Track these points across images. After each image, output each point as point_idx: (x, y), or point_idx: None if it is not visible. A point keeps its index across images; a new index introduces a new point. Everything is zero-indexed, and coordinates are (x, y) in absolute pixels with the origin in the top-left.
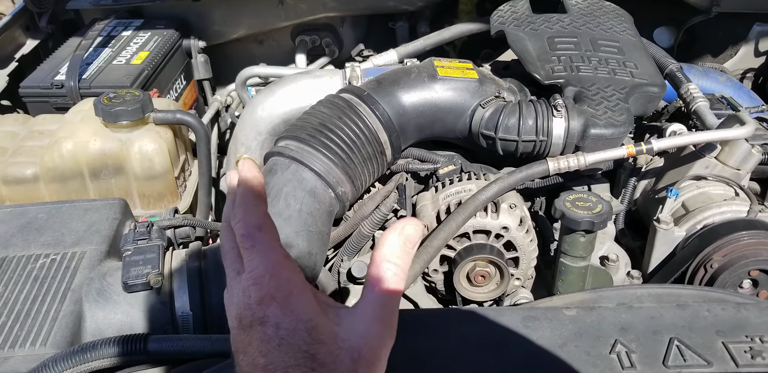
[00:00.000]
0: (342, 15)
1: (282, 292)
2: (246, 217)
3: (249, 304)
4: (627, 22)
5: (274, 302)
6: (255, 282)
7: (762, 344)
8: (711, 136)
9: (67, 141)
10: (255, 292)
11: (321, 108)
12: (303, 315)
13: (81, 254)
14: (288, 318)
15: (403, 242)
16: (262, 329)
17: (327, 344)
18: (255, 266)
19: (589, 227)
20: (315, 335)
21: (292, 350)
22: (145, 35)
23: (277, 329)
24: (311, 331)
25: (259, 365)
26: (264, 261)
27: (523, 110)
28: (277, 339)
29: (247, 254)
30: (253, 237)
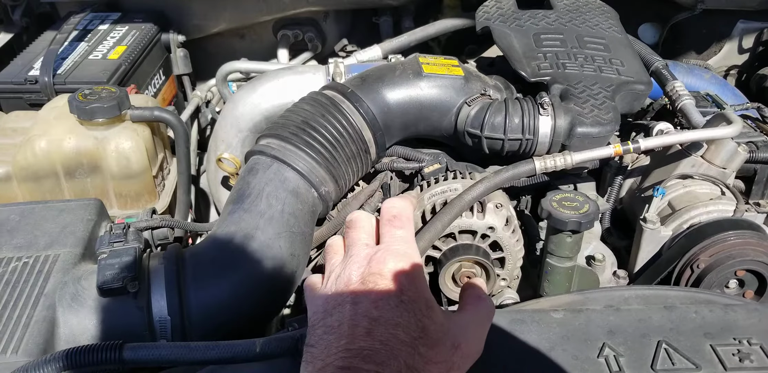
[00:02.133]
0: (325, 9)
1: (415, 269)
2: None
3: (380, 267)
4: (613, 18)
5: (405, 273)
6: (394, 253)
7: (750, 347)
8: (698, 135)
9: (41, 139)
10: (392, 260)
11: (304, 105)
12: (426, 293)
13: (54, 257)
14: (413, 289)
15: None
16: (386, 289)
17: (437, 323)
18: (397, 242)
19: (576, 227)
20: (430, 312)
21: (407, 314)
22: (122, 29)
23: (400, 292)
24: (429, 308)
25: (372, 315)
26: (407, 242)
27: (509, 108)
28: (396, 300)
29: (393, 232)
30: (402, 221)
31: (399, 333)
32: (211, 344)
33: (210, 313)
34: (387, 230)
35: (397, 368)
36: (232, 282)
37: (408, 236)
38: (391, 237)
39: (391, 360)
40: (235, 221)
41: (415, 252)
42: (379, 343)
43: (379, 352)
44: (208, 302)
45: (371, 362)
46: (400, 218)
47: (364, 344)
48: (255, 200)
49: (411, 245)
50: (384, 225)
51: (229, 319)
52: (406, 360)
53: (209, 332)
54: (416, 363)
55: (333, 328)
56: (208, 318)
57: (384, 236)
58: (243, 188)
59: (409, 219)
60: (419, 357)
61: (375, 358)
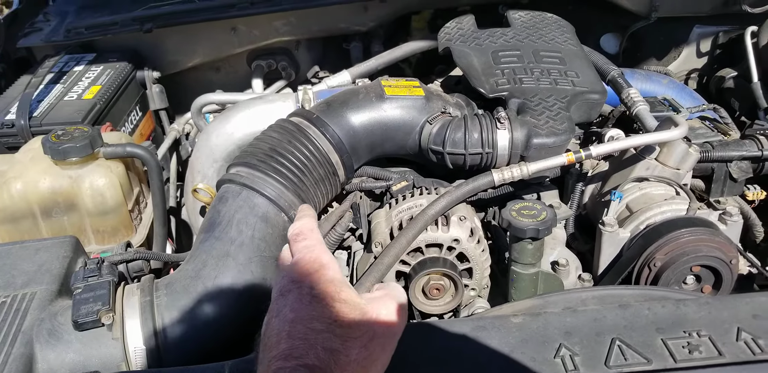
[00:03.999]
0: (296, 38)
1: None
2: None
3: (292, 276)
4: (569, 32)
5: (312, 274)
6: (298, 261)
7: (699, 339)
8: (646, 140)
9: (17, 181)
10: (298, 267)
11: (271, 133)
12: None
13: (31, 295)
14: (322, 283)
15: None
16: (298, 292)
17: (350, 306)
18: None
19: (535, 234)
20: (342, 296)
21: (320, 305)
22: (97, 69)
23: (311, 289)
24: (339, 293)
25: (288, 319)
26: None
27: (468, 124)
28: (309, 297)
29: (295, 245)
30: (304, 234)
31: (315, 325)
32: (181, 369)
33: (184, 340)
34: (294, 247)
35: (315, 355)
36: (206, 309)
37: (311, 242)
38: (298, 250)
39: (309, 351)
40: (207, 249)
41: (320, 251)
42: (298, 340)
43: (299, 347)
44: (182, 329)
45: (292, 358)
46: (302, 233)
47: (285, 346)
48: (225, 227)
49: (316, 248)
50: (291, 245)
51: (204, 345)
52: (323, 345)
53: (185, 359)
54: (334, 344)
55: (266, 345)
56: (183, 345)
57: (295, 252)
58: (214, 216)
59: (310, 230)
60: (336, 338)
61: (295, 354)
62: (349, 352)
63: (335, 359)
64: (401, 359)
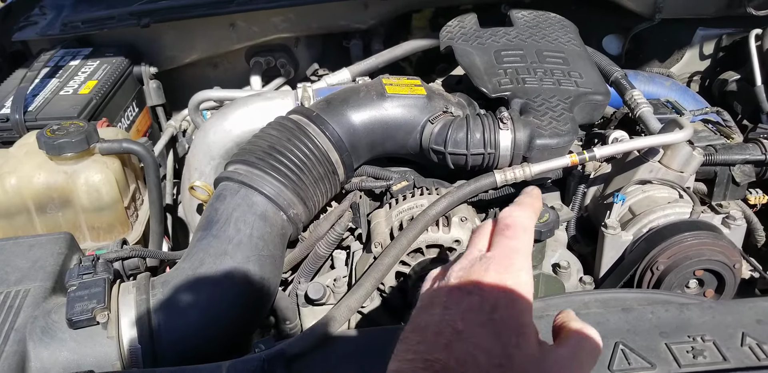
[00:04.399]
0: (295, 35)
1: (518, 288)
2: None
3: (481, 276)
4: (572, 32)
5: (505, 290)
6: (498, 264)
7: (703, 343)
8: (650, 142)
9: (11, 176)
10: (494, 270)
11: (270, 130)
12: (523, 317)
13: (25, 292)
14: (509, 308)
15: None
16: (479, 301)
17: (526, 355)
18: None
19: (537, 236)
20: (521, 340)
21: (494, 337)
22: (93, 64)
23: (493, 309)
24: (521, 334)
25: (457, 329)
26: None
27: (471, 124)
28: (486, 317)
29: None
30: (516, 231)
31: (479, 356)
32: (177, 369)
33: (181, 339)
34: (498, 239)
35: None
36: (202, 308)
37: (520, 247)
38: (502, 247)
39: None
40: (204, 248)
41: (524, 267)
42: (455, 360)
43: (452, 369)
44: (178, 328)
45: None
46: (513, 228)
47: (440, 357)
48: (223, 225)
49: (520, 259)
50: (496, 234)
51: (201, 344)
52: None
53: (181, 358)
54: None
55: (419, 327)
56: (179, 344)
57: (495, 246)
58: (211, 214)
59: (525, 230)
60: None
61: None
62: None
63: None
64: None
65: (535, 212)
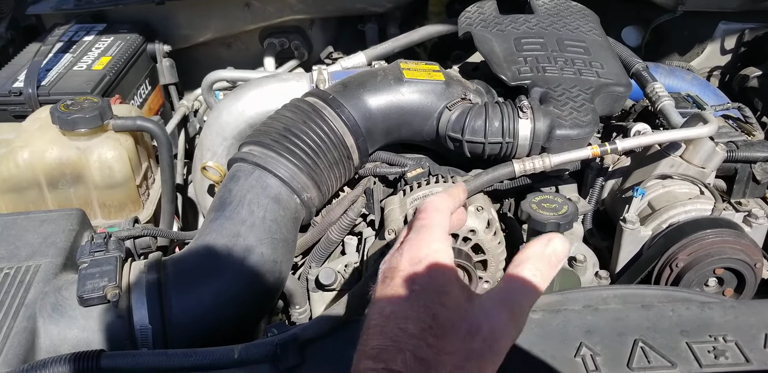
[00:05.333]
0: (310, 17)
1: (430, 258)
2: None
3: (399, 261)
4: (593, 21)
5: (420, 263)
6: (411, 246)
7: (725, 344)
8: (674, 136)
9: (23, 150)
10: (408, 252)
11: (285, 112)
12: (440, 279)
13: (36, 268)
14: (426, 278)
15: (549, 253)
16: (400, 281)
17: (450, 310)
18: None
19: (555, 228)
20: (442, 299)
21: (417, 305)
22: (107, 40)
23: (412, 282)
24: (440, 295)
25: (385, 313)
26: (427, 233)
27: (489, 112)
28: (407, 291)
29: (415, 225)
30: (426, 213)
31: (408, 326)
32: (189, 351)
33: (192, 320)
34: (411, 224)
35: (403, 360)
36: (214, 289)
37: (430, 223)
38: (414, 228)
39: (397, 355)
40: (217, 229)
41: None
42: (389, 340)
43: (388, 349)
44: (189, 309)
45: (380, 360)
46: (424, 210)
47: (376, 343)
48: (237, 207)
49: (427, 233)
50: (410, 223)
51: (212, 326)
52: (414, 352)
53: (192, 340)
54: (425, 354)
55: (363, 332)
56: (190, 325)
57: (409, 230)
58: (225, 195)
59: (435, 209)
60: (428, 348)
61: (383, 356)
62: (439, 368)
63: (425, 370)
64: None
65: (452, 197)
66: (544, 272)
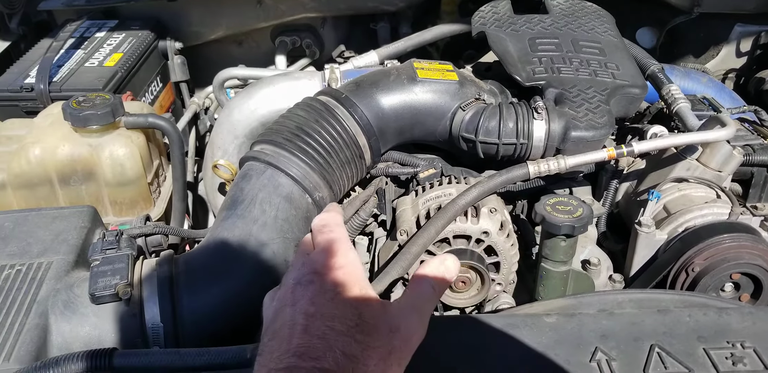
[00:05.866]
0: (322, 15)
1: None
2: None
3: (315, 267)
4: (608, 22)
5: (338, 268)
6: (324, 253)
7: (743, 350)
8: (691, 139)
9: (35, 146)
10: (323, 259)
11: (298, 111)
12: (361, 282)
13: (47, 265)
14: (346, 281)
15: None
16: (320, 285)
17: (373, 309)
18: (328, 245)
19: (570, 231)
20: (365, 299)
21: (343, 304)
22: (119, 36)
23: (334, 285)
24: (362, 295)
25: (308, 312)
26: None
27: (504, 113)
28: (332, 293)
29: (320, 236)
30: (330, 227)
31: (335, 324)
32: (201, 350)
33: (203, 319)
34: (318, 238)
35: (334, 359)
36: (225, 288)
37: (337, 236)
38: (324, 241)
39: (327, 352)
40: (229, 227)
41: (346, 248)
42: (316, 338)
43: (316, 347)
44: (201, 308)
45: (308, 358)
46: (327, 225)
47: (301, 342)
48: (248, 206)
49: (341, 243)
50: (315, 237)
51: (223, 325)
52: (343, 349)
53: (203, 339)
54: (354, 350)
55: (276, 333)
56: (202, 324)
57: (317, 243)
58: (236, 194)
59: (337, 224)
60: (356, 344)
61: (311, 353)
62: (367, 362)
63: (353, 366)
64: (427, 353)
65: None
66: (441, 286)
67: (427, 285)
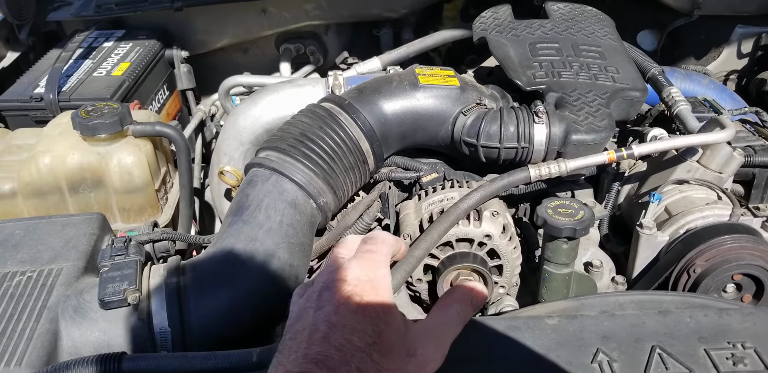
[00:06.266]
0: (326, 23)
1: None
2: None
3: (346, 275)
4: (608, 26)
5: (368, 282)
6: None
7: (744, 351)
8: (691, 141)
9: (45, 155)
10: (357, 269)
11: (302, 118)
12: (387, 300)
13: (58, 271)
14: (373, 294)
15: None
16: (348, 294)
17: (393, 330)
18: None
19: (571, 233)
20: (388, 318)
21: (365, 320)
22: (126, 46)
23: (361, 298)
24: (386, 314)
25: (330, 321)
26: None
27: (505, 117)
28: (356, 305)
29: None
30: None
31: (354, 339)
32: (208, 354)
33: (210, 324)
34: (360, 246)
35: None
36: (232, 293)
37: (380, 251)
38: (361, 251)
39: (342, 366)
40: (234, 233)
41: (382, 263)
42: (333, 348)
43: (332, 357)
44: (208, 313)
45: (324, 367)
46: (377, 240)
47: (319, 349)
48: (254, 211)
49: (379, 258)
50: (360, 245)
51: (230, 329)
52: (358, 365)
53: (210, 343)
54: (368, 368)
55: (297, 333)
56: (209, 329)
57: (357, 252)
58: (242, 199)
59: (385, 242)
60: (372, 363)
61: (328, 363)
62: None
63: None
64: None
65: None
66: (466, 314)
67: (453, 311)
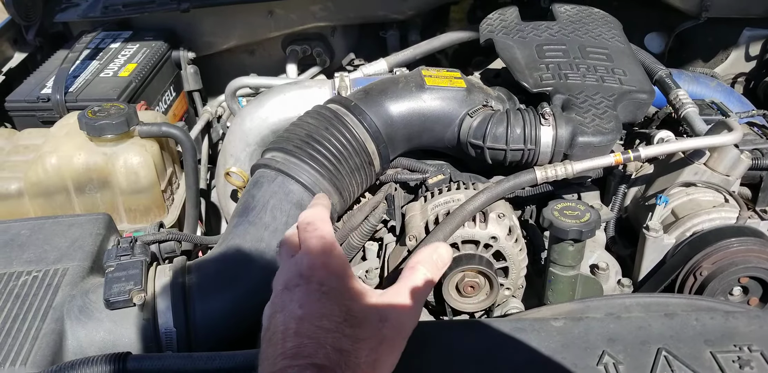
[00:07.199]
0: (332, 24)
1: (331, 260)
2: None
3: (300, 270)
4: (616, 28)
5: (323, 267)
6: (309, 253)
7: (750, 354)
8: (698, 143)
9: (52, 155)
10: (307, 260)
11: (308, 119)
12: (346, 278)
13: (63, 271)
14: (332, 278)
15: (436, 258)
16: (306, 287)
17: (360, 302)
18: (313, 243)
19: (578, 235)
20: (352, 294)
21: (330, 303)
22: (133, 47)
23: (320, 285)
24: (349, 289)
25: (297, 315)
26: (321, 241)
27: (511, 119)
28: (318, 294)
29: (305, 235)
30: (315, 224)
31: (324, 323)
32: (213, 354)
33: (215, 324)
34: (304, 236)
35: (325, 354)
36: (237, 294)
37: (321, 234)
38: (309, 239)
39: (319, 350)
40: (240, 234)
41: (331, 244)
42: (306, 338)
43: (307, 346)
44: (213, 313)
45: (300, 357)
46: (313, 223)
47: (293, 344)
48: (260, 212)
49: (327, 240)
50: (301, 234)
51: (235, 330)
52: (333, 345)
53: (215, 343)
54: (344, 344)
55: (270, 340)
56: (214, 329)
57: (303, 242)
58: (248, 200)
59: (322, 220)
60: (346, 338)
61: (303, 353)
62: (358, 353)
63: (345, 360)
64: (434, 358)
65: (325, 206)
66: (433, 273)
67: (419, 272)
